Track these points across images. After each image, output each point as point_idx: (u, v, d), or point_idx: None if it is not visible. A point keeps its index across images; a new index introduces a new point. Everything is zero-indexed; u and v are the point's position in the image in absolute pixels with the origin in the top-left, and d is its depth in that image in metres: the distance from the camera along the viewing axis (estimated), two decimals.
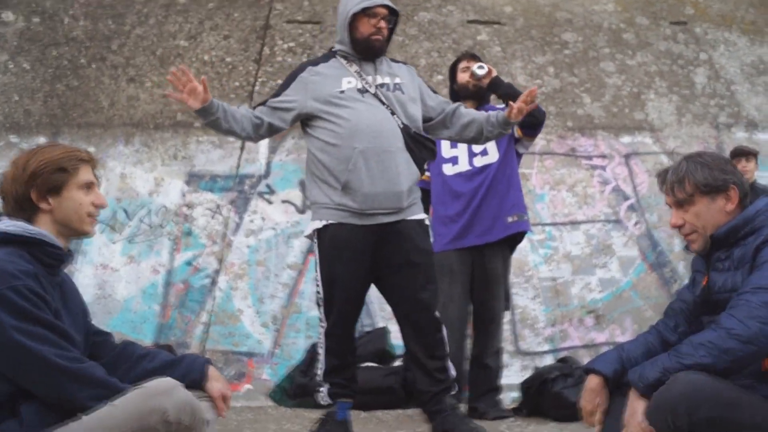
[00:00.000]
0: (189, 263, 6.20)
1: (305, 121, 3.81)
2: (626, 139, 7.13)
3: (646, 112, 7.28)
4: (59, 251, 2.38)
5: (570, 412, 3.99)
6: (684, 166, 2.63)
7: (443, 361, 3.75)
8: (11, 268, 2.22)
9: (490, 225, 4.62)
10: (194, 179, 6.51)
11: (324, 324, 3.74)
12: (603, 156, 7.03)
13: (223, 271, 6.16)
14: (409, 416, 4.62)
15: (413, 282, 3.70)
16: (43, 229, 2.37)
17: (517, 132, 4.64)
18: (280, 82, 6.68)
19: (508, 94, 4.44)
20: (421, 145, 3.75)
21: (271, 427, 4.44)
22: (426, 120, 3.91)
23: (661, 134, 7.17)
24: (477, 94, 4.72)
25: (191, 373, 2.47)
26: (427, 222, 3.83)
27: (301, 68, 3.90)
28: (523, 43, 7.50)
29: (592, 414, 2.65)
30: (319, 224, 3.71)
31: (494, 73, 4.63)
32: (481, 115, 3.93)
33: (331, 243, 3.68)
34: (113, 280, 6.08)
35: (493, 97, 4.83)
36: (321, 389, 3.79)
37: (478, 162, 4.65)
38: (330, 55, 3.89)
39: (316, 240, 3.74)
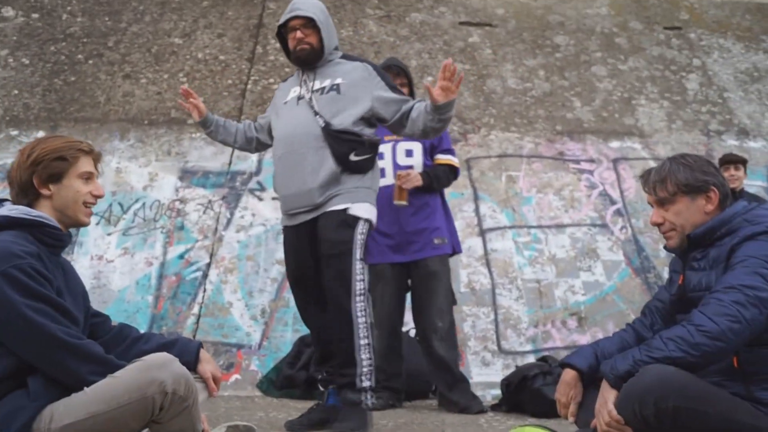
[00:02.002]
0: (181, 256, 6.73)
1: None
2: (615, 144, 7.65)
3: (636, 117, 7.83)
4: (59, 232, 2.66)
5: (548, 409, 4.18)
6: (667, 167, 2.94)
7: (350, 355, 3.97)
8: (16, 249, 2.49)
9: (421, 246, 5.15)
10: (187, 175, 7.10)
11: None
12: (591, 160, 7.54)
13: (214, 265, 6.67)
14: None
15: (326, 273, 4.06)
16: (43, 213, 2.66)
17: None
18: (272, 81, 7.55)
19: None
20: (340, 140, 4.06)
21: (258, 414, 4.79)
22: (381, 119, 4.22)
23: (651, 140, 7.70)
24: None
25: (184, 354, 2.73)
26: (353, 210, 4.08)
27: (279, 86, 4.59)
28: (514, 45, 8.00)
29: (566, 406, 2.97)
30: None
31: (417, 181, 5.05)
32: (422, 105, 4.11)
33: (283, 244, 4.35)
34: (108, 271, 6.58)
35: None
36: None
37: None
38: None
39: None
